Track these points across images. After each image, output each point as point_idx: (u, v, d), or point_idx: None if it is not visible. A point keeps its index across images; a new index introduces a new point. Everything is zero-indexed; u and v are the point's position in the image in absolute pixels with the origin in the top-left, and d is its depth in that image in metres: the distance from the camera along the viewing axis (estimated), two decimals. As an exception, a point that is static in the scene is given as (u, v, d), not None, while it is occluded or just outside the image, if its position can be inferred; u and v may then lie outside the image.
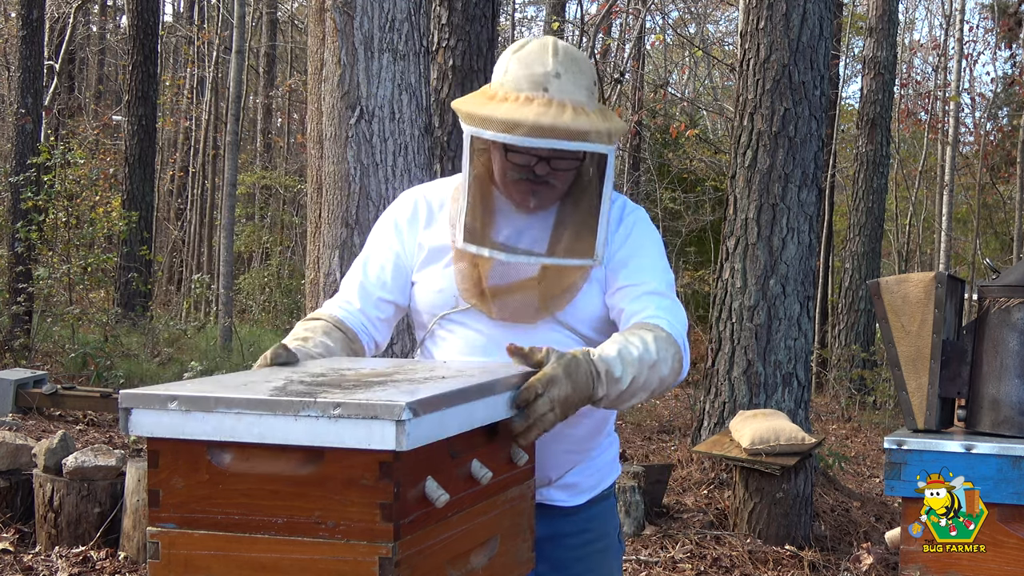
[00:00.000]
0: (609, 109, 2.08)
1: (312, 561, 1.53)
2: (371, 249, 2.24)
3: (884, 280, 2.68)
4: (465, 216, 2.03)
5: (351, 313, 2.19)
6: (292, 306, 17.03)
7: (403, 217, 2.20)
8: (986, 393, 2.57)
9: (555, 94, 1.98)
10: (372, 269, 2.20)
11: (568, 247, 2.05)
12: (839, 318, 13.50)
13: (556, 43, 2.06)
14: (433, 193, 2.22)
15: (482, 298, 2.09)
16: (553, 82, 1.99)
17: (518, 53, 2.06)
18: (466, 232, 2.03)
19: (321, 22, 4.00)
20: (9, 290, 10.87)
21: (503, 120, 1.95)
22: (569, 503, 2.21)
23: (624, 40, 16.70)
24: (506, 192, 2.09)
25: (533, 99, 1.98)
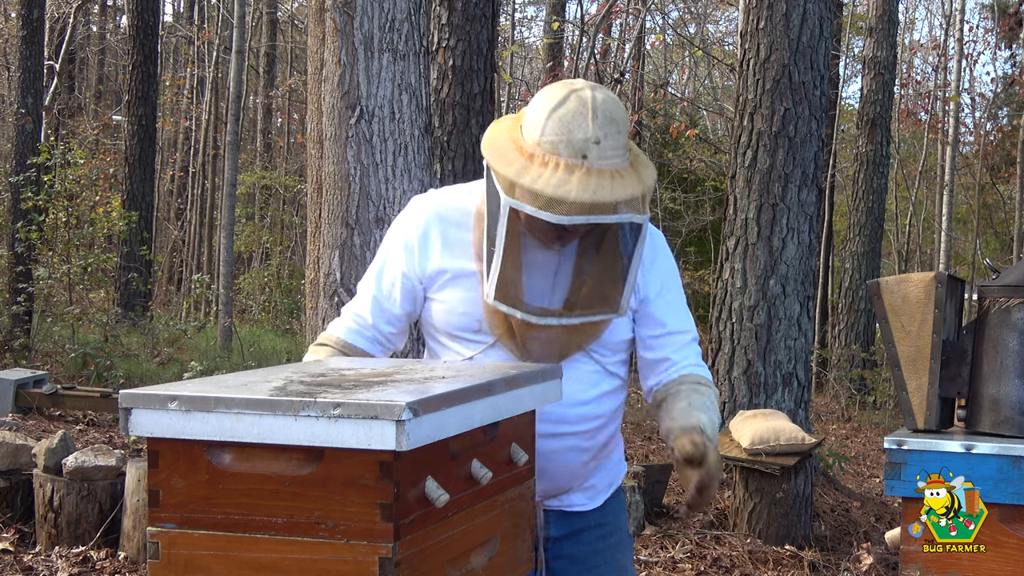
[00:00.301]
0: (642, 155, 2.07)
1: (312, 561, 1.53)
2: (383, 262, 2.22)
3: (884, 280, 2.68)
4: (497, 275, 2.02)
5: (364, 328, 2.20)
6: (292, 306, 17.02)
7: (414, 237, 2.16)
8: (986, 393, 2.57)
9: (594, 161, 1.95)
10: (384, 284, 2.20)
11: (595, 300, 2.07)
12: (839, 318, 13.50)
13: (595, 100, 2.00)
14: (451, 208, 2.17)
15: (510, 336, 2.11)
16: (593, 149, 1.95)
17: (557, 112, 1.99)
18: (497, 291, 2.03)
19: (321, 22, 4.00)
20: (9, 290, 10.86)
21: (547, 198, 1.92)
22: (588, 506, 2.27)
23: (624, 40, 16.71)
24: (533, 234, 2.07)
25: (573, 168, 1.94)
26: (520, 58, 21.22)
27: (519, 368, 1.93)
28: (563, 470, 2.18)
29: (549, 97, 2.02)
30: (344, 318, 2.23)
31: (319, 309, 4.00)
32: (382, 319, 2.19)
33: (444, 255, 2.14)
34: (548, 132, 1.98)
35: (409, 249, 2.16)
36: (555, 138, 1.97)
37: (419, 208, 2.19)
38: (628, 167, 2.00)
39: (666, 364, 2.22)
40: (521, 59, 21.57)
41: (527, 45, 23.12)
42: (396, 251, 2.18)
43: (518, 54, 19.95)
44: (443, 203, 2.19)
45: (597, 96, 2.00)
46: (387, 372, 1.80)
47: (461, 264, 2.13)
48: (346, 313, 2.24)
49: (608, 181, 1.95)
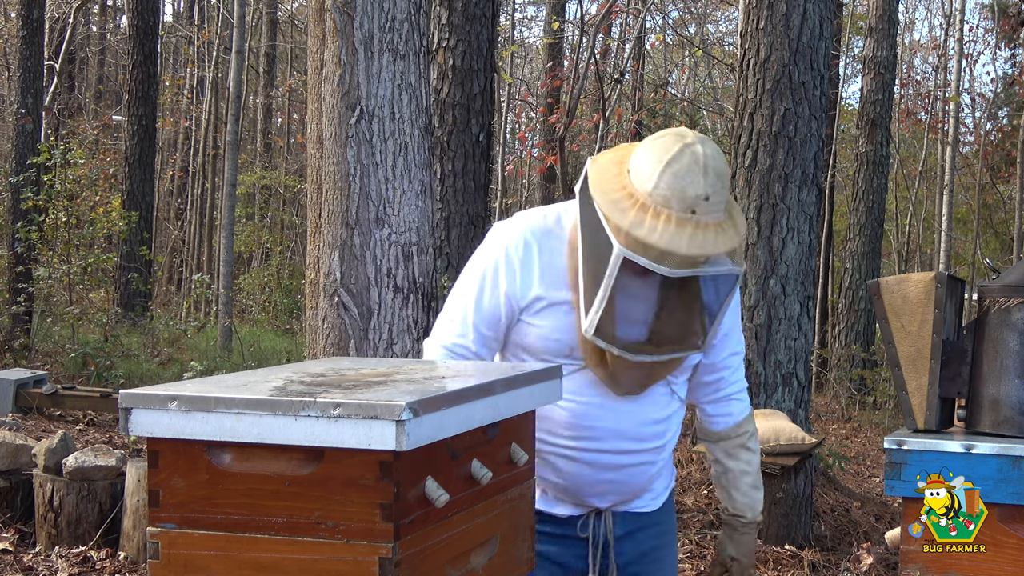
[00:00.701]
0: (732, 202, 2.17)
1: (312, 561, 1.53)
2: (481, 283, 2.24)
3: (884, 280, 2.68)
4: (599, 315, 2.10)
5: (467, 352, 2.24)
6: (292, 306, 17.02)
7: (516, 257, 2.21)
8: (986, 393, 2.57)
9: (702, 217, 2.05)
10: (485, 307, 2.23)
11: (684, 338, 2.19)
12: (839, 318, 13.50)
13: (706, 157, 2.08)
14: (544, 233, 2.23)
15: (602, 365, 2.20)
16: (702, 205, 2.05)
17: (671, 167, 2.06)
18: (597, 329, 2.11)
19: (321, 22, 4.00)
20: (9, 290, 10.86)
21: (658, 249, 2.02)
22: (651, 508, 2.40)
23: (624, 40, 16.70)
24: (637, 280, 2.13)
25: (684, 223, 2.04)
26: (520, 58, 21.22)
27: (519, 368, 1.93)
28: (636, 482, 2.32)
29: (663, 150, 2.09)
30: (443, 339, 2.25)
31: (319, 309, 3.99)
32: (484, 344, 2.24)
33: (541, 282, 2.20)
34: (662, 187, 2.06)
35: (511, 267, 2.21)
36: (668, 193, 2.05)
37: (515, 232, 2.24)
38: (728, 219, 2.12)
39: (719, 384, 2.41)
40: (521, 59, 21.57)
41: (527, 45, 23.12)
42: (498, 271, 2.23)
43: (518, 54, 19.95)
44: (536, 228, 2.24)
45: (707, 152, 2.09)
46: (387, 372, 1.80)
47: (556, 292, 2.20)
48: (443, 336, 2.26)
49: (712, 235, 2.06)
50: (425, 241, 4.09)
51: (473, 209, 7.89)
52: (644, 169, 2.09)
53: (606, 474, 2.27)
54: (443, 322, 2.27)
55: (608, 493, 2.30)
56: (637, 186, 2.08)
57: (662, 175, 2.06)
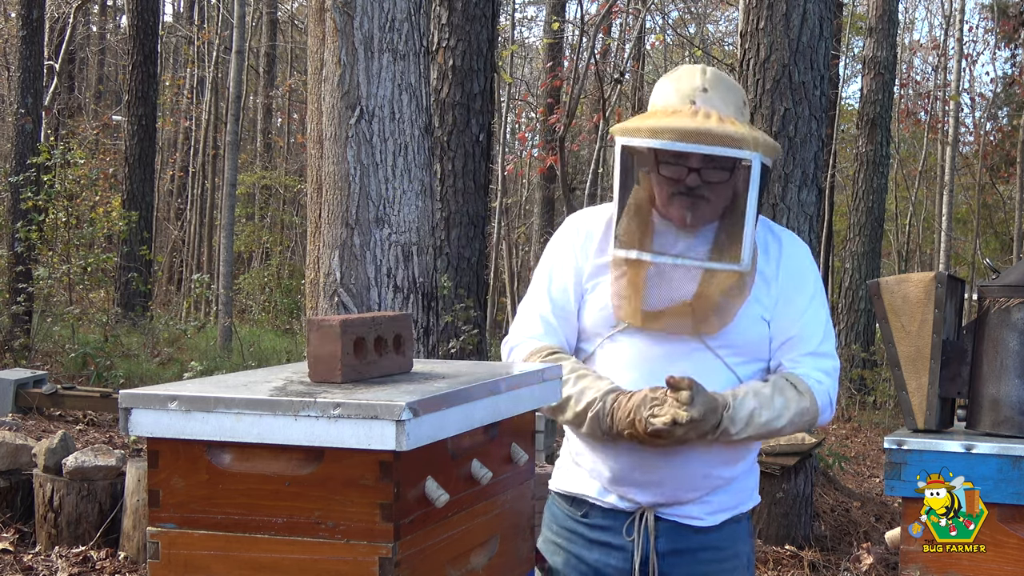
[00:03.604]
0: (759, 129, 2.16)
1: (312, 561, 1.53)
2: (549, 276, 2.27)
3: (884, 280, 2.68)
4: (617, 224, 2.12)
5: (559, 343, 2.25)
6: (292, 306, 17.02)
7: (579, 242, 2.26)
8: (986, 393, 2.57)
9: (702, 105, 2.07)
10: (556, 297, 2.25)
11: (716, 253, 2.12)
12: (839, 318, 13.49)
13: (706, 67, 2.16)
14: (595, 220, 2.28)
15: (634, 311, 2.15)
16: (700, 95, 2.08)
17: (669, 76, 2.17)
18: (618, 240, 2.12)
19: (321, 22, 4.00)
20: (9, 290, 10.86)
21: (651, 127, 2.05)
22: (705, 523, 2.24)
23: (624, 40, 16.70)
24: (664, 210, 2.15)
25: (681, 110, 2.08)
26: (520, 58, 21.22)
27: (519, 368, 1.94)
28: (682, 477, 2.18)
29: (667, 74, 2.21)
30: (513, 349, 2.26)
31: (319, 309, 4.00)
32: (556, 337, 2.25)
33: (596, 258, 2.23)
34: (660, 92, 2.16)
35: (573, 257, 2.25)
36: (667, 94, 2.13)
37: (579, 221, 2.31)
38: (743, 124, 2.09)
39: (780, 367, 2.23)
40: (521, 59, 21.57)
41: (527, 45, 23.13)
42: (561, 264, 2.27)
43: (518, 54, 19.95)
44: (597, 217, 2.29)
45: (710, 67, 2.17)
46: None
47: (605, 263, 2.21)
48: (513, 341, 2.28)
49: (717, 120, 2.06)
50: (425, 241, 4.09)
51: (473, 209, 7.89)
52: (653, 96, 2.19)
53: (650, 458, 2.15)
54: (518, 320, 2.31)
55: (652, 485, 2.19)
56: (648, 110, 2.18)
57: (660, 84, 2.18)
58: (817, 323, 2.23)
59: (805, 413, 2.17)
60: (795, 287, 2.21)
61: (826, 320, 2.25)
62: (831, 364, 2.24)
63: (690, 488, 2.20)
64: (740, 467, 2.26)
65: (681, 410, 2.01)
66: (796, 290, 2.21)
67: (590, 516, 2.27)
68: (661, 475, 2.17)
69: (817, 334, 2.22)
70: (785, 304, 2.20)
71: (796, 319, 2.21)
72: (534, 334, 2.24)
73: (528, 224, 20.44)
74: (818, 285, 2.26)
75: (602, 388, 2.14)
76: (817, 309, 2.23)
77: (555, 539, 2.31)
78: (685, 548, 2.23)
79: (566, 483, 2.33)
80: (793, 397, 2.16)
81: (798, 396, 2.16)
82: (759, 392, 2.13)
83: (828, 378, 2.22)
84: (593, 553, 2.26)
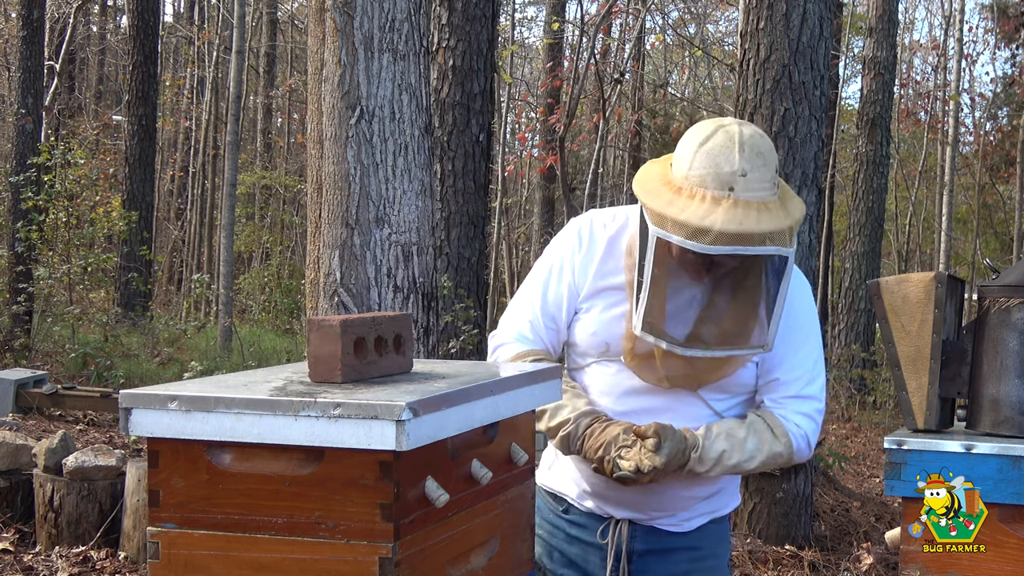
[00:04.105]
0: (789, 190, 2.09)
1: (312, 561, 1.53)
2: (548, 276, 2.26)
3: (884, 280, 2.68)
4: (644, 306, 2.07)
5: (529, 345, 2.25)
6: (292, 306, 17.01)
7: (582, 249, 2.24)
8: (986, 393, 2.57)
9: (740, 194, 2.00)
10: (551, 299, 2.25)
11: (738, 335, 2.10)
12: (839, 318, 13.49)
13: (742, 135, 2.04)
14: (608, 229, 2.24)
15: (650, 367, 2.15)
16: (739, 182, 2.00)
17: (705, 146, 2.04)
18: (644, 322, 2.08)
19: (321, 22, 4.00)
20: (9, 290, 10.86)
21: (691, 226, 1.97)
22: (682, 528, 2.27)
23: (624, 40, 16.69)
24: (682, 267, 2.10)
25: (720, 200, 1.99)
26: (520, 58, 21.22)
27: (519, 368, 1.94)
28: (660, 502, 2.22)
29: (697, 133, 2.08)
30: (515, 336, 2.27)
31: (319, 309, 3.99)
32: (543, 339, 2.26)
33: (597, 274, 2.22)
34: (696, 167, 2.03)
35: (575, 263, 2.23)
36: (703, 172, 2.02)
37: (584, 226, 2.27)
38: (776, 201, 2.03)
39: (763, 404, 2.23)
40: (521, 59, 21.57)
41: (527, 45, 23.12)
42: (560, 267, 2.25)
43: (518, 54, 19.95)
44: (604, 224, 2.26)
45: (744, 131, 2.05)
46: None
47: (605, 285, 2.20)
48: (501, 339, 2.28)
49: (755, 213, 1.98)
50: (425, 241, 4.09)
51: (473, 209, 7.89)
52: (681, 156, 2.08)
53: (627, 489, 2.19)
54: (507, 317, 2.30)
55: (626, 503, 2.23)
56: (675, 173, 2.08)
57: (696, 155, 2.04)
58: (804, 366, 2.21)
59: (778, 457, 2.18)
60: (786, 329, 2.17)
61: (815, 362, 2.23)
62: (814, 407, 2.23)
63: (668, 509, 2.24)
64: (721, 483, 2.27)
65: (646, 458, 2.03)
66: (787, 332, 2.17)
67: (570, 513, 2.32)
68: (636, 498, 2.21)
69: (803, 378, 2.21)
70: (780, 340, 2.17)
71: (782, 362, 2.19)
72: (522, 336, 2.25)
73: (528, 224, 20.44)
74: (811, 326, 2.23)
75: (578, 408, 2.16)
76: (808, 352, 2.21)
77: (539, 531, 2.34)
78: (661, 549, 2.25)
79: (549, 480, 2.37)
80: (767, 440, 2.16)
81: (772, 439, 2.17)
82: (732, 434, 2.14)
83: (809, 421, 2.21)
84: (573, 548, 2.30)
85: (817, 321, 2.26)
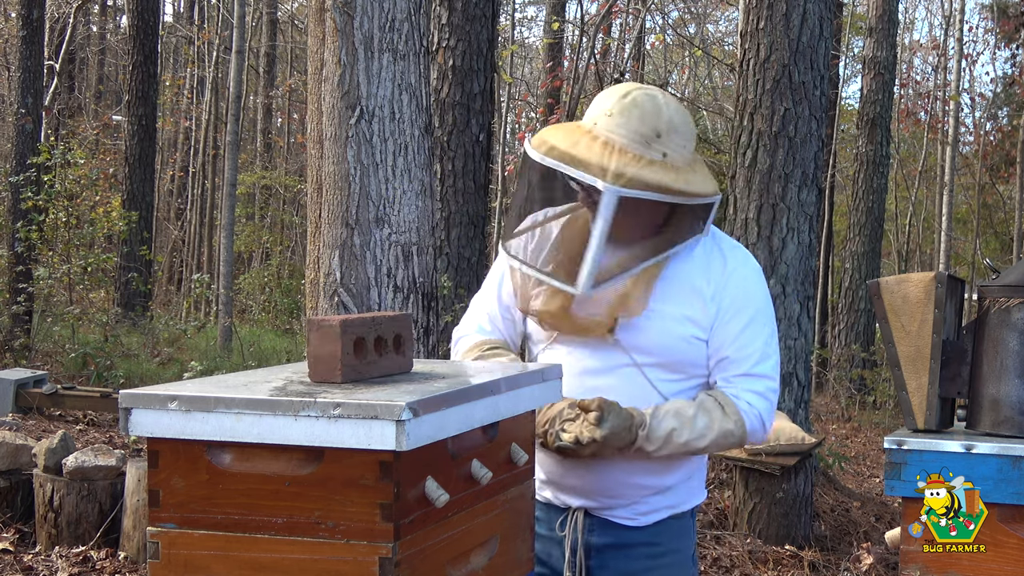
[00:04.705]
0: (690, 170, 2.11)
1: (312, 561, 1.53)
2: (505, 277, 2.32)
3: (884, 280, 2.68)
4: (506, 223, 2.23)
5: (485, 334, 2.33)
6: (292, 306, 17.01)
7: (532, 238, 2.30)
8: (986, 393, 2.57)
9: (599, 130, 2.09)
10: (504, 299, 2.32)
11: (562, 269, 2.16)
12: (839, 318, 13.50)
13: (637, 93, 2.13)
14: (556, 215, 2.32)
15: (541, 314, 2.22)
16: (603, 120, 2.10)
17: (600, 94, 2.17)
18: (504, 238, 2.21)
19: (321, 22, 4.00)
20: (9, 290, 10.85)
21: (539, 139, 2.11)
22: (638, 523, 2.25)
23: (624, 40, 16.69)
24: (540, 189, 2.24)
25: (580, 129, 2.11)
26: (520, 58, 21.22)
27: (519, 368, 1.94)
28: (607, 486, 2.21)
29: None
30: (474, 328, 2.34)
31: (319, 309, 3.99)
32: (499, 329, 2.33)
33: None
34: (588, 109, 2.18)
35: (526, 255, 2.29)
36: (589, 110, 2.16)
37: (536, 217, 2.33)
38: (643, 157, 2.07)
39: (716, 384, 2.22)
40: (521, 59, 21.57)
41: (527, 45, 23.12)
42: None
43: (518, 54, 19.95)
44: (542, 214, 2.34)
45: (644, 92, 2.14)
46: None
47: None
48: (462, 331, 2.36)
49: (599, 148, 2.06)
50: (425, 241, 4.09)
51: (473, 209, 7.89)
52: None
53: (576, 466, 2.19)
54: (469, 311, 2.37)
55: (579, 490, 2.22)
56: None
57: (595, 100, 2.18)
58: (753, 344, 2.18)
59: (729, 435, 2.16)
60: (734, 307, 2.17)
61: (765, 341, 2.20)
62: (765, 385, 2.19)
63: (617, 495, 2.22)
64: (676, 476, 2.24)
65: (587, 430, 2.05)
66: (734, 310, 2.17)
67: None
68: (585, 482, 2.21)
69: (753, 356, 2.18)
70: (722, 324, 2.17)
71: (731, 340, 2.18)
72: (481, 328, 2.32)
73: (528, 224, 20.37)
74: (760, 306, 2.21)
75: None
76: (756, 330, 2.19)
77: None
78: (619, 543, 2.24)
79: None
80: (718, 418, 2.15)
81: (723, 417, 2.15)
82: (681, 412, 2.13)
83: (761, 400, 2.19)
84: (537, 543, 2.28)
85: (769, 302, 2.24)
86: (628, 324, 2.15)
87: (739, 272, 2.20)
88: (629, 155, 2.06)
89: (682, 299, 2.16)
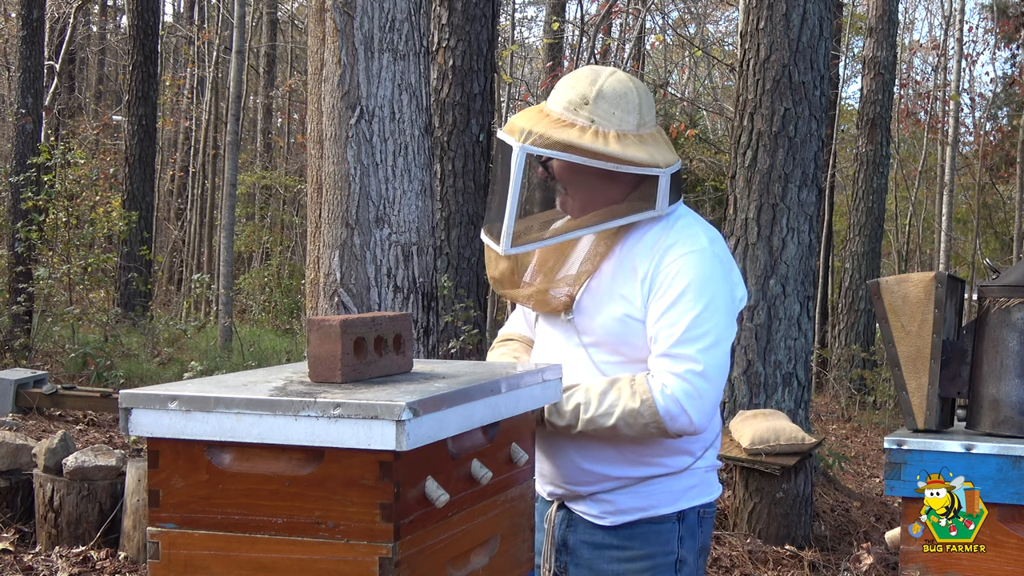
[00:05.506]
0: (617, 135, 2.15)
1: (312, 561, 1.53)
2: None
3: (884, 280, 2.68)
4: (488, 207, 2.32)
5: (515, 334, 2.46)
6: (292, 306, 17.02)
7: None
8: (986, 393, 2.57)
9: (549, 103, 2.20)
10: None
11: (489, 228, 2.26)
12: (839, 318, 13.50)
13: (600, 70, 2.24)
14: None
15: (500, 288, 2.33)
16: (553, 96, 2.21)
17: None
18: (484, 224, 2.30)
19: (321, 22, 4.00)
20: (9, 290, 10.86)
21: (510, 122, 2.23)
22: (605, 522, 2.20)
23: (624, 40, 16.70)
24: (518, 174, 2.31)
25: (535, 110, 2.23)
26: (520, 58, 21.22)
27: (519, 368, 1.94)
28: (562, 472, 2.22)
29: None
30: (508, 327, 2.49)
31: (319, 309, 3.99)
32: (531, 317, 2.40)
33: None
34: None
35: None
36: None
37: None
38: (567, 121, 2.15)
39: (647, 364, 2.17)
40: (521, 59, 21.57)
41: (527, 45, 23.12)
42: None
43: (518, 54, 19.95)
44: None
45: (607, 71, 2.23)
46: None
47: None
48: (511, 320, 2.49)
49: (545, 120, 2.16)
50: (425, 241, 4.09)
51: (473, 209, 7.89)
52: None
53: (540, 450, 2.20)
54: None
55: (543, 476, 2.24)
56: None
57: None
58: (677, 324, 2.08)
59: (637, 415, 2.06)
60: (664, 284, 2.10)
61: (692, 321, 2.08)
62: (686, 368, 2.06)
63: (575, 482, 2.20)
64: (639, 471, 2.18)
65: None
66: (665, 287, 2.10)
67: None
68: (543, 466, 2.24)
69: (675, 335, 2.08)
70: (653, 302, 2.12)
71: (656, 318, 2.11)
72: (513, 321, 2.46)
73: (528, 224, 20.38)
74: (695, 283, 2.10)
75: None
76: (684, 308, 2.09)
77: None
78: (591, 543, 2.22)
79: None
80: (626, 396, 2.08)
81: (630, 396, 2.07)
82: (592, 389, 2.11)
83: (681, 382, 2.06)
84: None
85: (714, 283, 2.12)
86: (580, 305, 2.19)
87: (676, 248, 2.12)
88: (552, 119, 2.15)
89: (623, 278, 2.15)
